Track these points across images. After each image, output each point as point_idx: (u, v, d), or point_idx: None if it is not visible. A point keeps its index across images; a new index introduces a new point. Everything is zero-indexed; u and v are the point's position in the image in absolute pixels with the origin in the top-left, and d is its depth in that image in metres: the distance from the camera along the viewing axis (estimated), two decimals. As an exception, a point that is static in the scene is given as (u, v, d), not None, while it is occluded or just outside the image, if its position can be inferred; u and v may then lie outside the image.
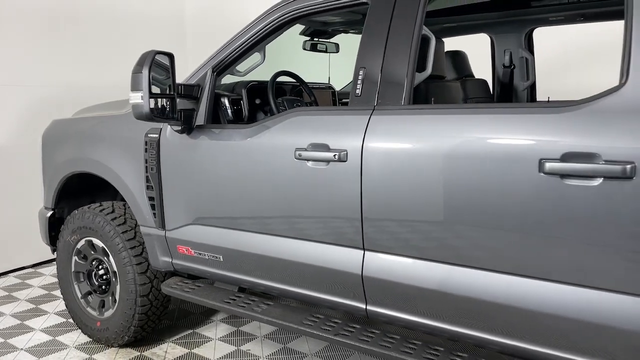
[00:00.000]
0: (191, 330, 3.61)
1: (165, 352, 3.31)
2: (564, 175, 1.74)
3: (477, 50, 3.55)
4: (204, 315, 3.85)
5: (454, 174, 1.95)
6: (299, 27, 3.50)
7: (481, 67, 3.51)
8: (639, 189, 1.62)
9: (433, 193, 2.01)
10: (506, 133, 1.87)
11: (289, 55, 3.92)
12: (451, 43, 3.49)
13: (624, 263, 1.69)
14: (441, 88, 2.73)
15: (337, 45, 3.65)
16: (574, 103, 1.78)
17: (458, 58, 3.25)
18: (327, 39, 3.62)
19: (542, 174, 1.77)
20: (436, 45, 2.44)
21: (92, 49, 5.05)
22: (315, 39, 3.54)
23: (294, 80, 3.36)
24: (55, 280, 4.48)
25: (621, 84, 1.71)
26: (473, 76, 3.37)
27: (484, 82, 3.39)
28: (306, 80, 3.66)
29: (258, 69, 2.89)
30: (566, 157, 1.73)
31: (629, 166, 1.62)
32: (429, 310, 2.12)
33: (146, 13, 5.57)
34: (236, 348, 3.35)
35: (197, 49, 5.68)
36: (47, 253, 4.73)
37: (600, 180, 1.68)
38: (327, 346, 3.36)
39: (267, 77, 3.17)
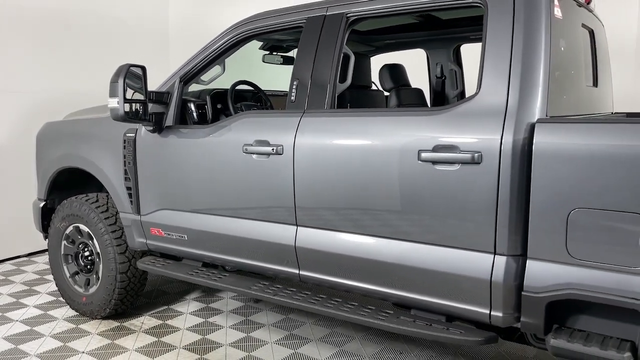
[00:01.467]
0: (166, 307, 4.12)
1: (142, 322, 3.82)
2: (434, 162, 2.28)
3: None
4: (179, 294, 4.37)
5: (359, 162, 2.50)
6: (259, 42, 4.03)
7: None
8: (485, 171, 2.17)
9: (345, 178, 2.55)
10: (396, 130, 2.42)
11: (263, 66, 4.42)
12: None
13: (475, 228, 2.23)
14: (365, 95, 3.29)
15: (293, 58, 4.17)
16: (443, 107, 2.33)
17: (395, 70, 3.78)
18: (285, 52, 4.17)
19: (419, 162, 2.32)
20: (361, 61, 2.98)
21: (84, 58, 5.56)
22: (274, 53, 4.08)
23: (253, 88, 3.90)
24: (47, 267, 4.98)
25: (476, 93, 2.26)
26: (409, 85, 3.91)
27: (419, 90, 3.93)
28: (271, 88, 4.19)
29: (227, 79, 3.44)
30: (436, 149, 2.28)
31: (477, 154, 2.17)
32: (345, 271, 2.65)
33: (133, 25, 6.12)
34: (204, 320, 3.87)
35: (180, 57, 6.20)
36: (40, 244, 5.24)
37: (459, 165, 2.23)
38: (284, 318, 3.88)
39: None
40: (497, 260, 2.19)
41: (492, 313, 2.24)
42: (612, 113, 3.30)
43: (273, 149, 2.76)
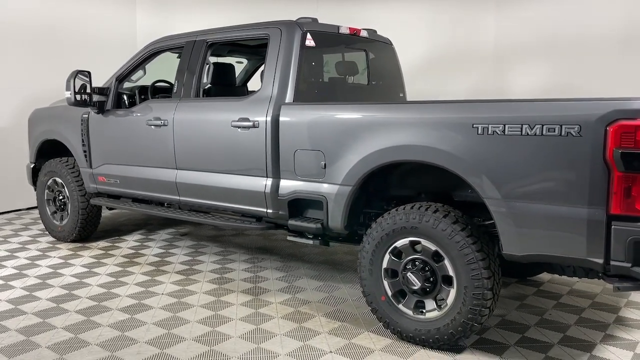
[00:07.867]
0: (118, 237, 5.94)
1: (98, 244, 5.64)
2: (239, 127, 4.03)
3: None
4: (129, 231, 6.18)
5: (203, 128, 4.26)
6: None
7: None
8: (260, 132, 3.90)
9: (196, 138, 4.32)
10: (221, 109, 4.19)
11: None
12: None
13: (257, 163, 3.96)
14: (227, 90, 5.05)
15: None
16: (245, 96, 4.09)
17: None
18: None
19: (231, 127, 4.07)
20: (227, 68, 4.77)
21: (67, 63, 7.32)
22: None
23: (169, 85, 5.65)
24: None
25: (260, 89, 4.01)
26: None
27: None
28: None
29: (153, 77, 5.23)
30: (239, 120, 4.03)
31: (256, 122, 3.92)
32: (201, 195, 4.41)
33: (107, 38, 7.94)
34: (140, 244, 5.67)
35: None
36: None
37: (249, 129, 3.97)
38: (196, 244, 5.67)
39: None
40: (267, 181, 3.94)
41: (267, 211, 3.99)
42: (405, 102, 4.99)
43: (162, 122, 4.54)
